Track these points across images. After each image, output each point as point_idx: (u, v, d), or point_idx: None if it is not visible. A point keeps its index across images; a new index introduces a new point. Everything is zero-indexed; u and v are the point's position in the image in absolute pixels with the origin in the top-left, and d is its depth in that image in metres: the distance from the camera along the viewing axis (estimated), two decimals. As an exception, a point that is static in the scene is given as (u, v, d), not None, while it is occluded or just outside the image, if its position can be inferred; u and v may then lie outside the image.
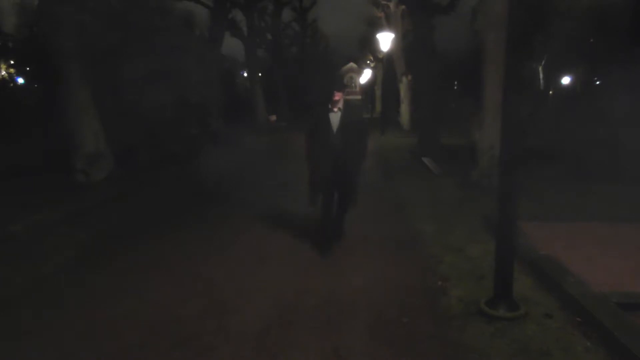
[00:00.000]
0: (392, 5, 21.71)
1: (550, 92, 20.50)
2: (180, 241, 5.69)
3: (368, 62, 38.93)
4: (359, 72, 49.36)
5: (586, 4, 14.77)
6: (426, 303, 3.92)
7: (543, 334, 3.33)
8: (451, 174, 9.43)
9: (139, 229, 6.32)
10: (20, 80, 21.83)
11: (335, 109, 4.79)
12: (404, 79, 21.77)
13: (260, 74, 26.01)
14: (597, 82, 16.91)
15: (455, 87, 26.78)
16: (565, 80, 22.62)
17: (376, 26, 24.09)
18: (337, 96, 4.75)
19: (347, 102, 4.92)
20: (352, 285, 4.24)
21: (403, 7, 19.58)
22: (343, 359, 3.12)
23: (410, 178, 9.80)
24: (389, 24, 21.50)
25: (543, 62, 18.92)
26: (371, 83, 39.07)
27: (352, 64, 53.79)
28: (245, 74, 28.61)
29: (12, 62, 23.86)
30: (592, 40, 15.75)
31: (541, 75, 19.37)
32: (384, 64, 26.44)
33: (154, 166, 10.46)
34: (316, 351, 3.19)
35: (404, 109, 22.76)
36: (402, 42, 21.17)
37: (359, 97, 49.92)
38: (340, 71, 56.59)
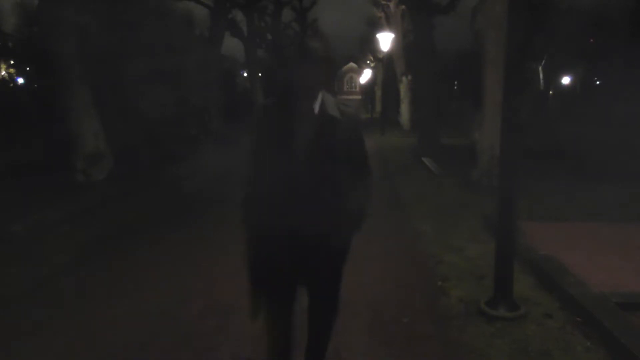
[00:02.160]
0: (392, 5, 21.73)
1: (550, 92, 20.50)
2: (181, 241, 5.69)
3: (368, 62, 38.96)
4: (359, 72, 49.43)
5: (586, 4, 14.78)
6: (426, 303, 3.92)
7: (543, 334, 3.33)
8: (451, 173, 9.43)
9: (139, 228, 6.32)
10: (20, 80, 21.83)
11: (315, 106, 2.20)
12: (404, 79, 21.79)
13: (260, 74, 25.99)
14: (597, 82, 16.93)
15: (455, 87, 26.78)
16: (565, 80, 22.61)
17: (376, 26, 24.10)
18: (312, 81, 2.14)
19: (329, 99, 2.25)
20: (351, 285, 4.22)
21: (403, 7, 19.59)
22: (343, 359, 3.12)
23: (410, 178, 9.80)
24: (389, 24, 21.50)
25: (543, 62, 18.92)
26: (371, 83, 39.12)
27: (352, 64, 53.87)
28: (245, 74, 28.61)
29: (12, 62, 23.89)
30: (592, 40, 15.75)
31: (541, 75, 19.37)
32: (384, 64, 26.45)
33: (153, 166, 10.45)
34: (316, 351, 3.18)
35: (404, 109, 22.77)
36: (402, 42, 21.18)
37: (358, 97, 50.02)
38: (340, 71, 56.48)
